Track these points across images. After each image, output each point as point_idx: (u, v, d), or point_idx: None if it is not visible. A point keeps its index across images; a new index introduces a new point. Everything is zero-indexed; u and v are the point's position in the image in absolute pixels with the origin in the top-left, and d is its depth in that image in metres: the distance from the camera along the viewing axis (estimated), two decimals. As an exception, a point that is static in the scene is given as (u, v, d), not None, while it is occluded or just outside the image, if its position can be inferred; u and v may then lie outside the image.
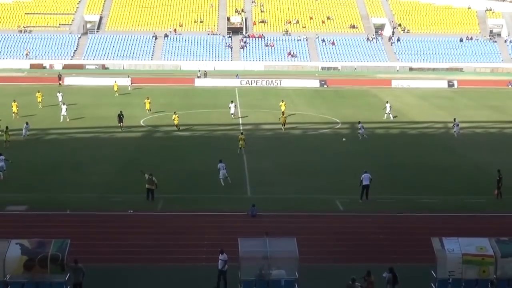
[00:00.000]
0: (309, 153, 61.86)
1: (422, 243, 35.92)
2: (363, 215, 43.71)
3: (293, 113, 74.40)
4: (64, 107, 77.01)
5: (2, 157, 51.17)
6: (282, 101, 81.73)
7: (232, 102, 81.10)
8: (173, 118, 71.82)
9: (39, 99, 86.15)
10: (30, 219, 42.04)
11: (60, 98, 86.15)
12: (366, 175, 46.50)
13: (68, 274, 30.01)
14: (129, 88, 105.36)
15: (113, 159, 58.32)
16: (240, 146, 60.24)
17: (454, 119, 71.61)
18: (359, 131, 68.29)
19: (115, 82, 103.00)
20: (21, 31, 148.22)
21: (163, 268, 34.38)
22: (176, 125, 71.04)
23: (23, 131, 65.37)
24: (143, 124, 75.15)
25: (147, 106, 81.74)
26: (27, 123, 66.28)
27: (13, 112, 76.43)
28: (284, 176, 53.34)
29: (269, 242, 30.53)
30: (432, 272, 31.16)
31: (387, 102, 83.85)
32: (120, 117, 71.43)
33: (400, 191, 49.46)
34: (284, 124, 72.12)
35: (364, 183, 46.33)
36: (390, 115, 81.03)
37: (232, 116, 78.73)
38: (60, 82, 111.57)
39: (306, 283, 31.28)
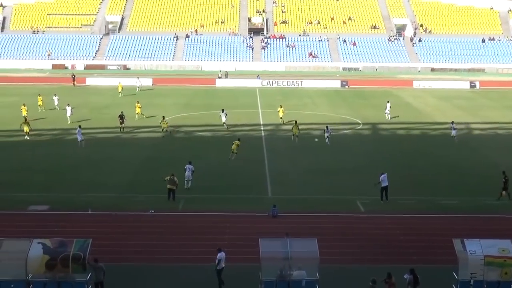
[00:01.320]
0: (330, 153, 61.75)
1: (443, 244, 35.77)
2: (384, 216, 43.59)
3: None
4: (69, 109, 76.07)
5: None
6: (281, 106, 78.78)
7: (223, 111, 74.93)
8: (160, 122, 70.21)
9: (40, 103, 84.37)
10: (52, 219, 42.24)
11: (56, 102, 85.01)
12: (384, 176, 46.40)
13: (90, 274, 30.19)
14: (137, 90, 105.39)
15: (133, 159, 58.49)
16: (232, 150, 58.18)
17: (452, 122, 70.39)
18: (326, 134, 65.56)
19: (120, 83, 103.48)
20: (34, 31, 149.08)
21: (184, 268, 34.45)
22: (164, 129, 69.09)
23: (78, 136, 63.32)
24: (164, 125, 75.31)
25: (137, 110, 78.84)
26: (79, 127, 64.52)
27: (23, 116, 74.23)
28: (305, 177, 53.29)
29: (290, 243, 30.51)
30: (454, 273, 31.03)
31: (388, 101, 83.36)
32: (122, 118, 70.73)
33: (421, 192, 49.27)
34: (296, 134, 66.39)
35: (383, 184, 46.26)
36: (389, 115, 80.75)
37: (225, 125, 73.42)
38: (74, 82, 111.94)
39: (326, 284, 31.23)
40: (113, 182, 50.87)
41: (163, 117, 71.43)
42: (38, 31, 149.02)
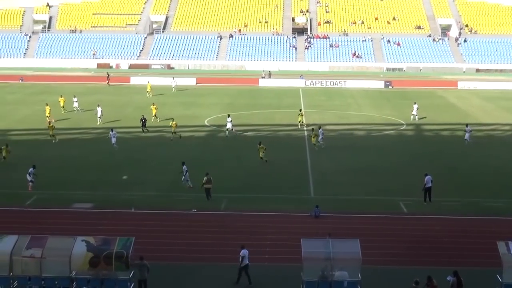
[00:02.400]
0: (373, 154, 61.48)
1: (487, 247, 35.42)
2: (427, 217, 43.29)
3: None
4: (99, 109, 75.76)
5: (32, 169, 48.82)
6: (300, 110, 76.81)
7: (228, 116, 71.24)
8: (170, 124, 68.51)
9: (62, 104, 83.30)
10: (95, 217, 42.66)
11: (75, 104, 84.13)
12: (428, 177, 46.07)
13: (133, 271, 30.40)
14: (174, 90, 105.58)
15: (176, 158, 58.53)
16: (260, 155, 57.73)
17: (467, 125, 68.46)
18: (320, 137, 63.49)
19: (148, 82, 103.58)
20: (72, 31, 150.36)
21: (226, 267, 34.49)
22: (173, 132, 67.45)
23: (112, 139, 62.61)
24: (207, 124, 75.57)
25: (153, 112, 76.86)
26: (112, 130, 63.67)
27: (46, 116, 74.44)
28: (348, 177, 53.11)
29: (332, 243, 30.46)
30: (498, 276, 30.69)
31: (414, 103, 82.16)
32: (143, 122, 70.31)
33: (464, 194, 48.82)
34: (315, 143, 63.19)
35: (427, 185, 45.93)
36: (416, 117, 79.93)
37: (233, 131, 70.19)
38: (108, 81, 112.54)
39: (369, 285, 31.09)
40: (156, 181, 51.20)
41: (172, 119, 70.08)
42: (76, 31, 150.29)
